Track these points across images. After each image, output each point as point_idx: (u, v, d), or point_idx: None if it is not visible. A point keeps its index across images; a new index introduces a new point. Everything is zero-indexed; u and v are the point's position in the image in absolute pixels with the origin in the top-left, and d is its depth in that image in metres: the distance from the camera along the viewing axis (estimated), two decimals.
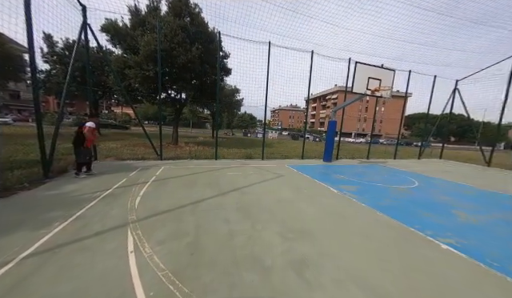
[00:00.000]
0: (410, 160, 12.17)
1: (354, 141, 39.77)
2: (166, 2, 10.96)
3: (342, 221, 3.28)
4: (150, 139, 7.49)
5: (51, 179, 4.60)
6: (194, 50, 10.29)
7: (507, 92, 10.07)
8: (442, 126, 13.51)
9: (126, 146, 11.03)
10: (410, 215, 3.70)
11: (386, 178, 6.85)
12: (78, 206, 3.25)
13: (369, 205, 4.02)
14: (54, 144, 4.96)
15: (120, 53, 12.45)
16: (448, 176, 7.65)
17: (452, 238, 2.89)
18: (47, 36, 14.58)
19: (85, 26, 5.94)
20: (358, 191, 4.95)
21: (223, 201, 3.84)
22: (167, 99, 14.03)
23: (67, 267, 1.93)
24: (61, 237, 2.40)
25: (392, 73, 7.71)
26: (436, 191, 5.45)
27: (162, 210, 3.31)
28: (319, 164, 8.71)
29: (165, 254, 2.19)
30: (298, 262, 2.18)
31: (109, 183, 4.47)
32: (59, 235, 2.45)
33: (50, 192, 3.86)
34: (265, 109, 8.40)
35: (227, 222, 3.01)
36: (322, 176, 6.49)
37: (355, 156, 12.09)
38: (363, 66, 7.29)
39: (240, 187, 4.78)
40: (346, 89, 9.25)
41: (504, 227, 3.43)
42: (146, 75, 10.27)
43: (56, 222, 2.73)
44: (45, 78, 15.71)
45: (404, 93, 11.14)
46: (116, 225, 2.75)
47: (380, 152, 15.64)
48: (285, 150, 13.70)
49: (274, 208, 3.64)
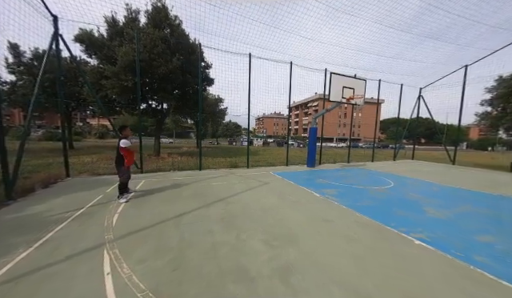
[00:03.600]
0: (386, 162, 12.98)
1: (335, 146, 41.47)
2: (145, 13, 10.90)
3: (324, 225, 3.39)
4: None
5: (15, 200, 4.17)
6: (174, 61, 10.25)
7: (462, 97, 11.36)
8: (412, 129, 14.71)
9: (102, 159, 10.42)
10: (386, 214, 3.94)
11: (365, 180, 7.23)
12: (46, 228, 2.98)
13: (349, 207, 4.21)
14: (19, 161, 4.54)
15: (96, 63, 11.97)
16: (419, 175, 8.29)
17: (423, 233, 3.12)
18: (13, 45, 13.58)
19: (56, 36, 5.68)
20: (339, 194, 5.16)
21: (207, 212, 3.78)
22: (148, 110, 13.64)
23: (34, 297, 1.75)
24: (26, 265, 2.18)
25: (364, 82, 8.35)
26: (409, 190, 5.87)
27: (143, 226, 3.16)
28: (303, 170, 8.94)
29: (145, 273, 2.09)
30: (283, 269, 2.20)
31: (83, 201, 4.16)
32: (24, 262, 2.23)
33: (12, 215, 3.50)
34: (248, 118, 8.53)
35: (211, 233, 2.96)
36: (306, 182, 6.67)
37: (337, 160, 12.61)
38: (337, 76, 7.81)
39: (225, 197, 4.74)
40: (324, 97, 9.77)
41: (466, 220, 3.79)
42: (124, 86, 9.95)
43: (19, 248, 2.48)
44: (9, 89, 14.47)
45: (377, 100, 12.06)
46: (90, 246, 2.56)
47: (360, 155, 16.49)
48: (270, 157, 13.88)
49: (258, 216, 3.65)
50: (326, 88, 9.53)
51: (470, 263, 2.37)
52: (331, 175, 8.02)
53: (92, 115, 31.91)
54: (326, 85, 9.46)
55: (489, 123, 14.06)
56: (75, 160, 9.73)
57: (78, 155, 12.47)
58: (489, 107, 13.54)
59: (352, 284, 2.00)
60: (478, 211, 4.34)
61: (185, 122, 31.72)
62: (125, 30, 10.32)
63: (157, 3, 10.74)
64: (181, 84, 11.83)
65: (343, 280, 2.06)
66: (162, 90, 11.26)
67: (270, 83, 10.77)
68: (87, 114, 38.52)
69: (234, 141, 39.09)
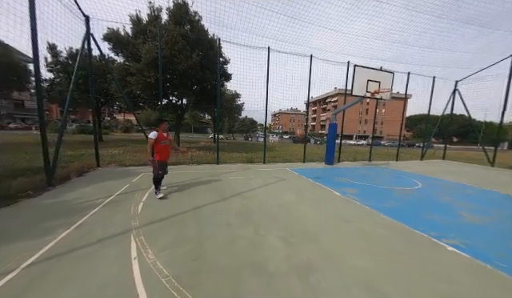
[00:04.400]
0: (412, 162, 12.10)
1: (355, 143, 39.67)
2: (167, 10, 11.20)
3: (345, 224, 3.26)
4: None
5: (54, 187, 4.63)
6: (194, 57, 10.45)
7: (507, 91, 10.06)
8: (443, 126, 13.47)
9: (127, 152, 11.09)
10: (413, 216, 3.67)
11: (389, 180, 6.80)
12: (80, 213, 3.26)
13: (372, 207, 4.00)
14: (58, 152, 5.01)
15: (122, 61, 12.68)
16: (451, 177, 7.59)
17: (457, 239, 2.85)
18: (51, 46, 14.89)
19: (88, 35, 6.08)
20: (361, 194, 4.92)
21: (225, 206, 3.84)
22: (169, 105, 14.19)
23: (71, 274, 1.93)
24: (65, 244, 2.41)
25: (391, 75, 7.76)
26: (439, 192, 5.40)
27: (164, 216, 3.31)
28: (321, 167, 8.69)
29: (167, 260, 2.19)
30: (302, 267, 2.16)
31: (111, 190, 4.48)
32: (63, 242, 2.46)
33: (53, 200, 3.89)
34: (265, 113, 8.45)
35: (229, 227, 3.00)
36: (324, 179, 6.47)
37: (357, 158, 12.05)
38: (362, 68, 7.35)
39: (242, 191, 4.78)
40: (346, 92, 9.30)
41: (509, 227, 3.39)
42: (147, 82, 10.42)
43: (60, 229, 2.74)
44: (48, 86, 15.98)
45: (403, 94, 11.18)
46: (119, 231, 2.75)
47: (382, 154, 15.58)
48: (286, 153, 13.70)
49: (276, 213, 3.62)
50: (347, 82, 9.07)
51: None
52: (351, 173, 7.68)
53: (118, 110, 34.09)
54: (348, 79, 9.01)
55: None
56: (104, 152, 10.49)
57: (107, 147, 13.42)
58: None
59: (375, 288, 1.90)
60: None
61: (202, 118, 32.51)
62: (148, 28, 10.75)
63: (177, 0, 10.97)
64: (200, 80, 12.07)
65: (366, 283, 1.96)
66: (182, 85, 11.60)
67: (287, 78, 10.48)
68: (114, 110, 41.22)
69: (250, 137, 39.24)
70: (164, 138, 4.18)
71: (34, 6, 4.03)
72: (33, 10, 4.01)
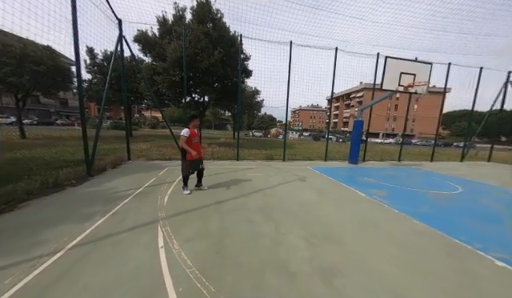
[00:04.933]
0: (450, 163, 10.90)
1: (381, 142, 37.08)
2: (191, 10, 11.53)
3: (372, 228, 3.05)
4: (176, 141, 7.90)
5: (93, 177, 5.12)
6: (216, 54, 10.63)
7: None
8: (490, 124, 11.83)
9: (154, 147, 11.82)
10: (453, 224, 3.29)
11: (423, 182, 6.21)
12: (114, 202, 3.55)
13: (403, 212, 3.68)
14: (95, 146, 5.52)
15: (150, 61, 13.46)
16: (499, 182, 6.65)
17: (508, 253, 2.48)
18: (89, 49, 16.40)
19: (120, 38, 6.53)
20: (390, 196, 4.57)
21: (245, 202, 3.86)
22: (191, 102, 14.74)
23: (106, 258, 2.10)
24: (101, 230, 2.64)
25: (429, 66, 6.98)
26: (485, 199, 4.77)
27: (188, 208, 3.44)
28: (344, 166, 8.28)
29: (192, 251, 2.27)
30: (326, 269, 2.07)
31: (140, 182, 4.81)
32: (99, 228, 2.70)
33: (92, 189, 4.30)
34: (286, 110, 8.28)
35: (250, 223, 3.01)
36: (348, 179, 6.15)
37: (384, 158, 11.24)
38: (394, 60, 6.73)
39: (262, 188, 4.77)
40: (374, 86, 8.65)
41: None
42: (172, 80, 10.91)
43: (97, 216, 3.01)
44: (87, 86, 17.68)
45: (440, 88, 10.04)
46: (147, 221, 2.93)
47: (413, 154, 14.31)
48: (306, 151, 13.34)
49: (297, 211, 3.54)
50: (376, 76, 8.42)
51: None
52: (378, 173, 7.18)
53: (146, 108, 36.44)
54: (377, 72, 8.35)
55: None
56: (134, 146, 11.32)
57: (136, 142, 14.47)
58: None
59: (405, 297, 1.73)
60: None
61: (223, 115, 33.20)
62: (173, 28, 11.20)
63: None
64: (221, 77, 12.28)
65: (394, 291, 1.80)
66: (204, 83, 11.92)
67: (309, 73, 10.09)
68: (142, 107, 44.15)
69: (269, 133, 39.05)
70: (195, 135, 4.04)
71: (76, 16, 4.43)
72: (75, 19, 4.41)
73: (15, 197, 3.43)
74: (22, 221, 2.82)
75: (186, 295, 1.68)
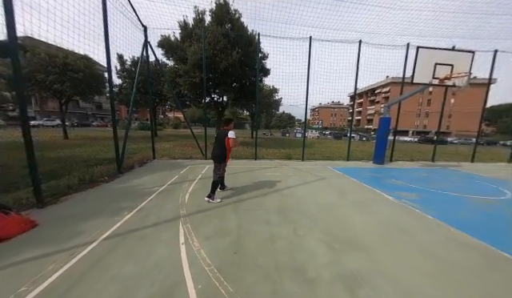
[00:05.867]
0: (495, 164, 9.61)
1: (411, 140, 34.20)
2: (210, 12, 11.81)
3: (400, 235, 2.80)
4: (197, 140, 8.18)
5: (123, 174, 5.53)
6: (234, 55, 10.75)
7: None
8: None
9: (177, 146, 12.40)
10: (499, 234, 2.87)
11: (462, 185, 5.55)
12: (141, 198, 3.79)
13: (438, 218, 3.32)
14: (125, 145, 5.95)
15: (172, 64, 14.13)
16: None
17: None
18: (119, 56, 17.79)
19: (146, 43, 6.93)
20: (422, 200, 4.16)
21: (263, 202, 3.83)
22: (211, 103, 15.16)
23: (132, 251, 2.24)
24: (128, 225, 2.83)
25: (469, 55, 6.16)
26: None
27: (208, 207, 3.53)
28: (368, 167, 7.79)
29: (211, 249, 2.31)
30: (348, 277, 1.94)
31: (164, 180, 5.07)
32: (127, 222, 2.89)
33: (121, 185, 4.65)
34: (305, 108, 8.05)
35: (268, 224, 2.97)
36: (373, 180, 5.76)
37: (415, 158, 10.32)
38: (427, 50, 6.08)
39: (280, 188, 4.70)
40: (404, 80, 7.96)
41: None
42: (193, 82, 11.31)
43: (125, 211, 3.24)
44: (117, 90, 19.22)
45: (483, 79, 8.85)
46: (170, 218, 3.07)
47: (450, 153, 12.91)
48: (326, 150, 12.86)
49: (316, 213, 3.41)
50: (406, 69, 7.74)
51: None
52: (408, 175, 6.61)
53: (169, 109, 38.44)
54: (406, 65, 7.67)
55: None
56: (158, 146, 11.99)
57: (160, 141, 15.34)
58: None
59: None
60: None
61: (241, 114, 33.57)
62: (193, 31, 11.59)
63: (219, 0, 11.41)
64: (239, 77, 12.41)
65: None
66: (223, 83, 12.15)
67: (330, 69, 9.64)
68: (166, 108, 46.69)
69: (288, 132, 38.50)
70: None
71: (108, 27, 4.81)
72: (106, 30, 4.80)
73: (58, 191, 3.85)
74: (63, 213, 3.15)
75: (204, 292, 1.72)
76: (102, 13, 4.77)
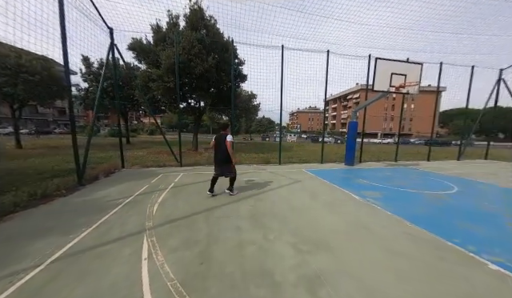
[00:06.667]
0: (447, 162, 10.87)
1: (380, 142, 37.11)
2: (184, 17, 11.64)
3: (364, 233, 2.99)
4: (170, 147, 7.86)
5: (84, 186, 5.06)
6: (210, 60, 10.68)
7: None
8: (486, 121, 11.85)
9: (151, 153, 11.77)
10: (447, 226, 3.23)
11: (418, 182, 6.16)
12: (103, 212, 3.49)
13: (397, 214, 3.62)
14: (87, 154, 5.47)
15: (145, 68, 13.51)
16: (495, 180, 6.61)
17: (502, 256, 2.42)
18: (85, 58, 16.48)
19: (112, 46, 6.55)
20: (384, 198, 4.51)
21: (237, 208, 3.80)
22: (187, 108, 14.76)
23: (85, 273, 2.03)
24: (84, 243, 2.57)
25: (419, 67, 7.00)
26: (480, 198, 4.72)
27: (177, 217, 3.38)
28: (340, 168, 8.23)
29: (175, 262, 2.20)
30: (312, 278, 2.00)
31: (132, 190, 4.75)
32: (84, 240, 2.63)
33: (81, 199, 4.23)
34: (280, 113, 8.28)
35: (239, 230, 2.94)
36: (343, 181, 6.10)
37: (381, 158, 11.20)
38: (384, 61, 6.76)
39: (254, 193, 4.71)
40: (367, 87, 8.68)
41: None
42: (167, 87, 10.92)
43: (83, 227, 2.95)
44: (83, 95, 17.71)
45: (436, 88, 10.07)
46: (134, 231, 2.87)
47: (411, 153, 14.28)
48: (304, 153, 13.31)
49: (288, 216, 3.48)
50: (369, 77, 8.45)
51: None
52: (374, 175, 7.13)
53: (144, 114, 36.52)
54: (369, 73, 8.39)
55: None
56: (129, 154, 11.28)
57: (133, 149, 14.44)
58: None
59: None
60: None
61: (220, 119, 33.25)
62: (167, 35, 11.28)
63: (193, 6, 11.33)
64: (216, 82, 12.33)
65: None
66: (200, 88, 11.95)
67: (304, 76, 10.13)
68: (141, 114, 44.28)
69: (268, 137, 39.09)
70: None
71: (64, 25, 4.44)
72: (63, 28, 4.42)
73: (1, 210, 3.36)
74: (4, 234, 2.75)
75: None
76: (59, 11, 4.39)
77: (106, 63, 6.41)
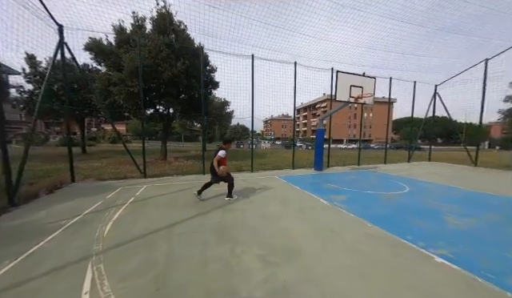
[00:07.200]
0: (400, 164, 12.25)
1: (346, 147, 40.29)
2: (151, 20, 11.10)
3: (330, 237, 3.07)
4: (133, 157, 7.17)
5: (17, 207, 4.20)
6: (179, 66, 10.29)
7: (483, 94, 10.52)
8: (427, 128, 13.88)
9: (110, 164, 10.59)
10: (401, 224, 3.54)
11: (377, 184, 6.75)
12: (38, 238, 2.90)
13: (359, 216, 3.84)
14: (22, 167, 4.59)
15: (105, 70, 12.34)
16: (437, 179, 7.65)
17: (445, 248, 2.72)
18: (30, 56, 14.32)
19: (61, 44, 5.79)
20: (349, 201, 4.79)
21: (204, 221, 3.57)
22: (155, 115, 13.86)
23: None
24: (6, 279, 2.06)
25: (373, 80, 7.88)
26: (426, 196, 5.37)
27: (135, 236, 3.00)
28: (310, 174, 8.57)
29: (126, 292, 1.90)
30: (279, 291, 1.93)
31: (81, 208, 4.11)
32: (6, 276, 2.11)
33: (11, 223, 3.48)
34: (252, 120, 8.33)
35: (204, 246, 2.73)
36: (312, 186, 6.32)
37: (346, 163, 12.07)
38: (344, 74, 7.41)
39: (224, 204, 4.52)
40: (331, 97, 9.37)
41: (495, 231, 3.31)
42: (130, 91, 10.11)
43: (7, 259, 2.38)
44: (27, 98, 15.24)
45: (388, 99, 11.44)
46: (77, 259, 2.43)
47: (371, 157, 15.75)
48: (277, 160, 13.56)
49: (258, 226, 3.39)
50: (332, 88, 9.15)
51: (506, 289, 1.97)
52: (340, 178, 7.59)
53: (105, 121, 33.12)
54: (332, 85, 9.09)
55: None
56: (84, 165, 9.95)
57: (89, 159, 12.82)
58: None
59: None
60: (504, 220, 3.82)
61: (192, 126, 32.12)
62: (131, 37, 10.55)
63: (161, 10, 10.90)
64: (186, 88, 11.91)
65: None
66: (168, 94, 11.36)
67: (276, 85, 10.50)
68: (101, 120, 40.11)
69: (242, 144, 39.05)
70: (227, 156, 4.67)
71: None
72: None
73: None
74: None
75: None
76: None
77: (53, 63, 5.62)
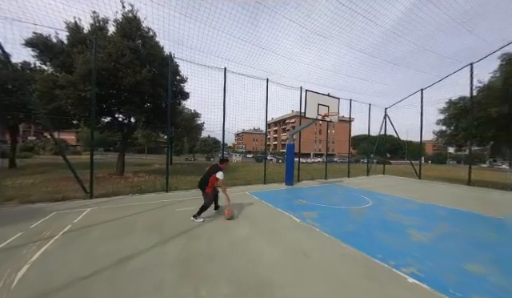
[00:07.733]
0: (361, 178, 13.31)
1: (312, 161, 42.74)
2: (114, 22, 10.19)
3: (305, 262, 2.86)
4: (75, 171, 5.96)
5: None
6: (144, 73, 9.50)
7: (421, 117, 12.52)
8: (380, 145, 15.70)
9: (47, 181, 8.75)
10: (371, 241, 3.57)
11: (344, 198, 7.02)
12: None
13: (332, 235, 3.77)
14: None
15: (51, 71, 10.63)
16: (393, 191, 8.43)
17: (413, 266, 2.76)
18: None
19: None
20: (320, 218, 4.75)
21: (161, 253, 2.98)
22: (113, 123, 12.34)
23: None
24: None
25: (337, 100, 8.57)
26: (387, 209, 5.74)
27: (63, 281, 2.27)
28: (281, 189, 8.50)
29: None
30: None
31: None
32: None
33: None
34: (222, 133, 8.03)
35: (160, 289, 2.20)
36: (284, 203, 6.20)
37: (315, 177, 12.53)
38: (312, 94, 7.87)
39: (188, 228, 3.96)
40: (301, 114, 9.80)
41: (449, 244, 3.59)
42: (81, 96, 8.81)
43: None
44: None
45: (348, 118, 12.61)
46: None
47: (336, 171, 16.80)
48: (248, 174, 13.30)
49: (226, 255, 2.98)
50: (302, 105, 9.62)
51: None
52: (310, 193, 7.70)
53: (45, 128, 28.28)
54: (301, 102, 9.55)
55: (445, 141, 15.58)
56: (10, 182, 7.98)
57: (20, 175, 10.43)
58: (443, 126, 15.09)
59: None
60: (455, 230, 4.26)
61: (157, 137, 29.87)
62: (88, 38, 9.43)
63: (128, 14, 10.16)
64: (152, 97, 11.03)
65: None
66: (129, 102, 10.29)
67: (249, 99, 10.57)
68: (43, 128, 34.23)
69: (212, 157, 37.82)
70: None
71: None
72: None
73: None
74: None
75: None
76: None
77: None
